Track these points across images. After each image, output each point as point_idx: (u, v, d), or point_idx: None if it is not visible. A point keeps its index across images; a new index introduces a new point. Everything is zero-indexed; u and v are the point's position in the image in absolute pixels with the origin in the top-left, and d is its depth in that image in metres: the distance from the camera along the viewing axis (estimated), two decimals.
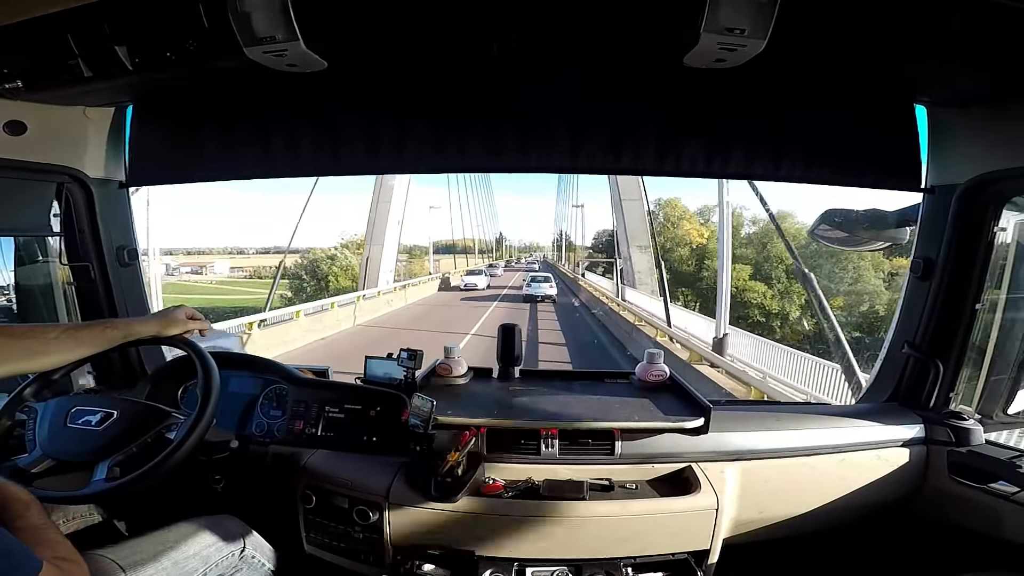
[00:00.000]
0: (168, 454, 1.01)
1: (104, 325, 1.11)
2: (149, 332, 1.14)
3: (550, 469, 1.33)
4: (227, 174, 1.60)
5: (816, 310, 6.02)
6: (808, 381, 7.39)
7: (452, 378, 1.61)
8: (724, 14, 0.94)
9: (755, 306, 26.78)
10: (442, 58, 1.33)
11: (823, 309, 5.99)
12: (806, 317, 24.17)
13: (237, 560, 1.15)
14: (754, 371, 8.51)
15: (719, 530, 1.25)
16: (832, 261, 23.72)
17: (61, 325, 1.42)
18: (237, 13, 0.98)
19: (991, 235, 1.38)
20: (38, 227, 1.52)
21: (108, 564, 0.95)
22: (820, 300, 5.98)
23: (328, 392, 1.39)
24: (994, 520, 1.28)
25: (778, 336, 21.22)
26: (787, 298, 26.79)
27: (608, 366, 11.24)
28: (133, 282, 1.65)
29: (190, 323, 1.19)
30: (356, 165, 1.53)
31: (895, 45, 1.06)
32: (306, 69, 1.16)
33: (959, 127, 1.37)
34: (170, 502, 1.30)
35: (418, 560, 1.23)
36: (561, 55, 1.31)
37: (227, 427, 1.35)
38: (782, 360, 8.34)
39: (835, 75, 1.29)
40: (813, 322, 18.97)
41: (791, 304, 26.54)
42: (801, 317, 25.16)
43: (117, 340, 1.11)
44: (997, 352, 1.51)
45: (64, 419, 1.07)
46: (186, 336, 1.18)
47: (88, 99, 1.41)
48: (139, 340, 1.14)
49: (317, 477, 1.33)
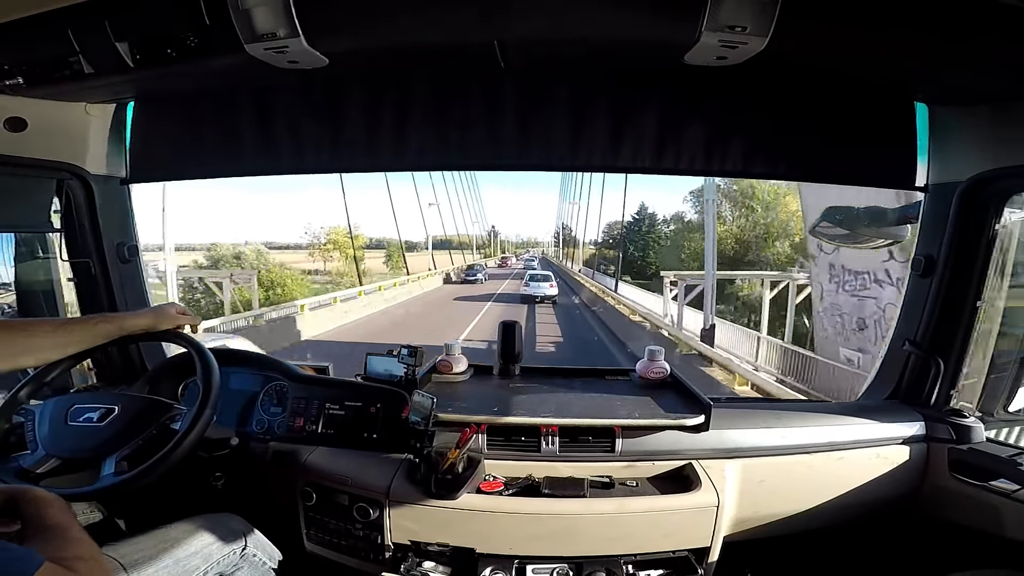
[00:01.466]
0: (176, 443, 1.01)
1: (98, 319, 1.12)
2: (141, 326, 1.15)
3: (550, 466, 1.33)
4: (228, 171, 1.60)
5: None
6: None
7: (452, 375, 1.61)
8: (725, 12, 0.94)
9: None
10: (443, 55, 1.33)
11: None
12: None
13: (238, 558, 1.15)
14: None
15: (719, 528, 1.25)
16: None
17: (56, 320, 1.42)
18: (238, 10, 0.98)
19: (992, 233, 1.38)
20: (39, 223, 1.51)
21: (109, 562, 0.95)
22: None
23: (328, 389, 1.39)
24: (995, 518, 1.28)
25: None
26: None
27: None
28: (134, 278, 1.65)
29: (181, 318, 1.19)
30: (357, 162, 1.53)
31: (896, 43, 1.06)
32: (307, 66, 1.16)
33: (960, 125, 1.37)
34: (170, 500, 1.30)
35: (418, 557, 1.24)
36: (562, 52, 1.31)
37: (227, 424, 1.35)
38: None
39: (836, 73, 1.29)
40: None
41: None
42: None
43: (111, 334, 1.11)
44: (998, 349, 1.51)
45: (64, 417, 1.07)
46: (178, 330, 1.19)
47: (89, 95, 1.40)
48: (133, 334, 1.14)
49: (317, 474, 1.33)
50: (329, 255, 41.10)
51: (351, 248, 34.91)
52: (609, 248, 48.00)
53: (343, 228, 38.59)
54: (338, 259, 39.66)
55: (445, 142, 1.47)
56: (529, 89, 1.42)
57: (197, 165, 1.58)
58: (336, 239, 40.17)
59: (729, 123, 1.41)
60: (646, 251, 41.22)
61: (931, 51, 1.08)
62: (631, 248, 40.91)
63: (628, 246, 39.71)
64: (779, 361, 10.45)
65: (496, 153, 1.47)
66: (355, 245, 36.27)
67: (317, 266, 41.48)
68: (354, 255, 33.48)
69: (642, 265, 39.76)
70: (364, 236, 44.39)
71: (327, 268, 40.38)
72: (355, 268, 34.84)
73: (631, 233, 41.28)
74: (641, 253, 41.27)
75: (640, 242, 41.92)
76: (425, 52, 1.27)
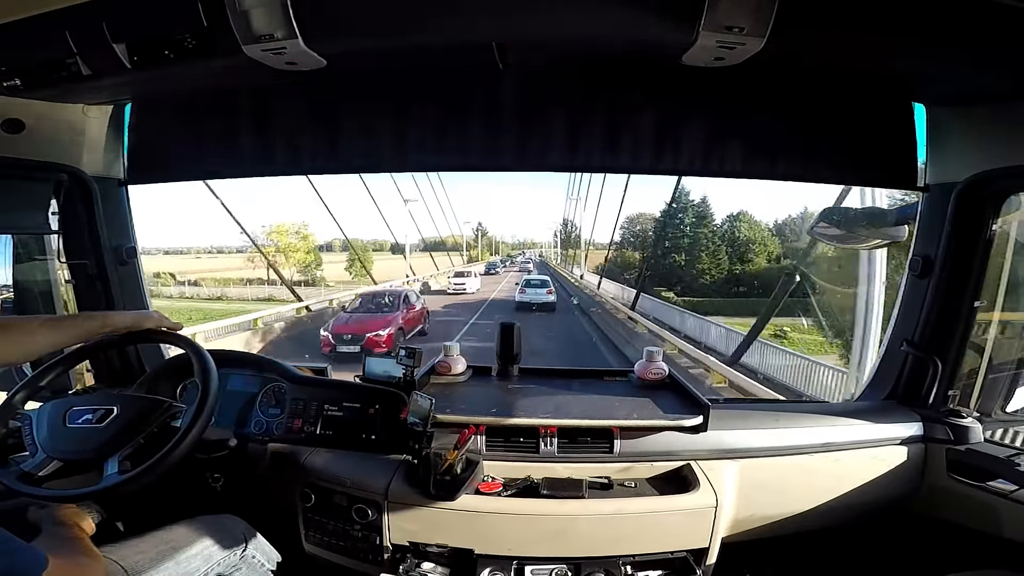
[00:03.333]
0: (179, 439, 1.01)
1: (84, 316, 1.15)
2: (125, 323, 1.15)
3: (549, 467, 1.33)
4: (225, 172, 1.60)
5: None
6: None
7: (451, 376, 1.61)
8: (723, 12, 0.94)
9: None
10: (440, 57, 1.33)
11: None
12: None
13: (238, 560, 1.15)
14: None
15: (718, 528, 1.25)
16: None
17: (43, 316, 1.43)
18: (236, 11, 0.98)
19: (989, 233, 1.38)
20: (37, 225, 1.51)
21: (110, 564, 0.95)
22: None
23: (327, 390, 1.39)
24: (993, 518, 1.28)
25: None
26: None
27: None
28: (132, 280, 1.65)
29: (164, 320, 1.20)
30: (354, 163, 1.53)
31: (893, 44, 1.06)
32: (305, 67, 1.17)
33: (957, 125, 1.38)
34: (169, 502, 1.29)
35: (417, 558, 1.24)
36: (560, 53, 1.31)
37: (225, 426, 1.34)
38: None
39: (834, 74, 1.30)
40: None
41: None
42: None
43: (95, 329, 1.11)
44: (995, 350, 1.51)
45: (63, 420, 1.06)
46: (163, 330, 1.18)
47: (87, 97, 1.41)
48: (117, 331, 1.14)
49: (316, 475, 1.33)
50: (273, 259, 30.77)
51: (302, 251, 30.37)
52: (630, 248, 37.90)
53: (290, 226, 32.07)
54: (284, 264, 32.07)
55: (443, 143, 1.47)
56: (527, 90, 1.43)
57: (195, 166, 1.58)
58: (281, 239, 32.70)
59: (728, 124, 1.41)
60: (694, 253, 29.81)
61: (928, 52, 1.08)
62: (668, 249, 30.03)
63: (660, 247, 29.86)
64: None
65: (494, 154, 1.47)
66: (307, 247, 31.60)
67: (260, 274, 33.37)
68: (269, 265, 26.90)
69: (686, 272, 29.19)
70: (316, 237, 35.65)
71: (271, 277, 31.86)
72: (314, 273, 30.27)
73: (665, 229, 30.61)
74: (684, 257, 29.97)
75: (681, 240, 30.41)
76: (423, 54, 1.27)
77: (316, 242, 36.20)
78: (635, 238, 38.23)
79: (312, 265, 34.46)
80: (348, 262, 37.06)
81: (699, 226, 30.54)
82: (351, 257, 36.44)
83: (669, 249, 30.07)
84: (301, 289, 21.90)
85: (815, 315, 8.83)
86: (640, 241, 37.37)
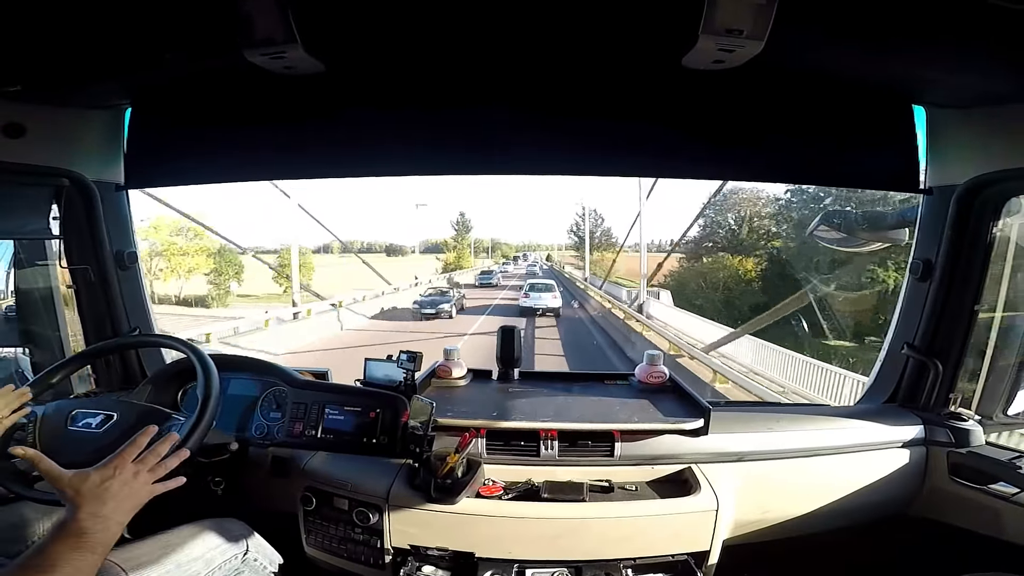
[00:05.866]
0: (173, 452, 1.01)
1: None
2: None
3: (550, 471, 1.33)
4: (225, 177, 1.60)
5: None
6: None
7: (452, 380, 1.61)
8: (722, 15, 0.94)
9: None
10: (440, 61, 1.33)
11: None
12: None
13: (240, 563, 1.15)
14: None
15: (719, 531, 1.25)
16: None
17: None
18: (237, 16, 0.98)
19: (990, 236, 1.38)
20: (37, 230, 1.51)
21: (111, 567, 0.95)
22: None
23: (328, 394, 1.39)
24: (994, 521, 1.28)
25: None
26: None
27: None
28: (133, 285, 1.65)
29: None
30: (353, 168, 1.53)
31: (892, 47, 1.06)
32: (304, 72, 1.17)
33: (958, 128, 1.37)
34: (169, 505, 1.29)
35: (418, 562, 1.23)
36: (560, 56, 1.31)
37: (226, 429, 1.34)
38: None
39: (834, 76, 1.30)
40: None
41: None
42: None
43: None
44: (996, 353, 1.51)
45: (65, 422, 1.07)
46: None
47: (87, 101, 1.41)
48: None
49: (317, 479, 1.33)
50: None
51: (193, 254, 23.17)
52: (708, 252, 22.79)
53: (173, 222, 23.56)
54: (167, 273, 24.92)
55: (442, 148, 1.47)
56: (526, 94, 1.42)
57: (194, 171, 1.58)
58: (158, 237, 24.31)
59: (728, 127, 1.41)
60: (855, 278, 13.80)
61: (928, 55, 1.09)
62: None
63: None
64: None
65: (493, 159, 1.47)
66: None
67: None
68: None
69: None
70: (211, 238, 25.40)
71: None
72: (223, 285, 23.18)
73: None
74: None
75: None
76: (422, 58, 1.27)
77: (208, 246, 26.36)
78: (729, 234, 23.04)
79: (223, 275, 27.11)
80: (276, 272, 26.34)
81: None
82: (281, 262, 27.30)
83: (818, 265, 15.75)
84: (174, 307, 16.73)
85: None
86: (734, 240, 22.54)
